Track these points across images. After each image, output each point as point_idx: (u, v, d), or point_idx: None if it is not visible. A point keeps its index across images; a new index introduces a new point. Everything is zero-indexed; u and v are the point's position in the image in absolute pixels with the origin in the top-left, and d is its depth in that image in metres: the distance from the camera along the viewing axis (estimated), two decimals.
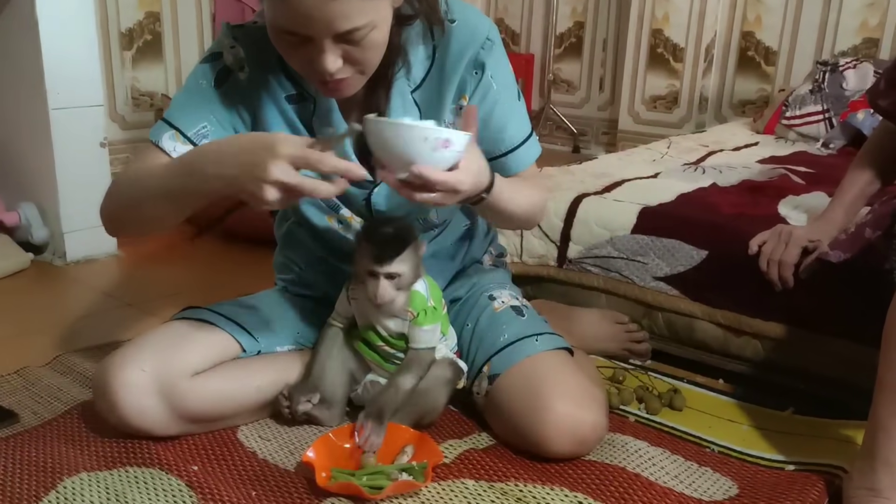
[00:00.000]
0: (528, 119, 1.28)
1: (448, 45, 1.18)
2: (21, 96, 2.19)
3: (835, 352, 1.41)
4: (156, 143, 1.15)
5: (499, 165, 1.24)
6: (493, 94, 1.21)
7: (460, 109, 1.21)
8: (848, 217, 1.44)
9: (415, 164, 0.98)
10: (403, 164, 0.99)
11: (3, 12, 2.15)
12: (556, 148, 4.05)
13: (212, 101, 1.16)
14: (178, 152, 1.13)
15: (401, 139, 0.99)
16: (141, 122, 3.02)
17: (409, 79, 1.18)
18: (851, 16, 3.09)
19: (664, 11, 3.46)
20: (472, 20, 1.19)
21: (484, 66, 1.19)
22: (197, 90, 1.17)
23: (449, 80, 1.19)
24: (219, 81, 1.16)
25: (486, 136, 1.23)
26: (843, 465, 1.17)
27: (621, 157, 2.37)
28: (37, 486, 1.11)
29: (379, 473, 1.11)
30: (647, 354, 1.60)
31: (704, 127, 3.38)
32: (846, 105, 2.62)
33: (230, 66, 1.17)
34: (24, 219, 2.22)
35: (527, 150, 1.27)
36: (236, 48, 1.17)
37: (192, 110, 1.16)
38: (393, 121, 1.07)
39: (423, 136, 0.98)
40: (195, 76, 1.18)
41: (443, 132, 1.00)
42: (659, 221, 1.64)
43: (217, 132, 1.16)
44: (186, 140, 1.14)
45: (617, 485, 1.13)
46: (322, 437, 1.18)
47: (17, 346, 1.67)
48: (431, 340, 1.24)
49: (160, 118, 1.18)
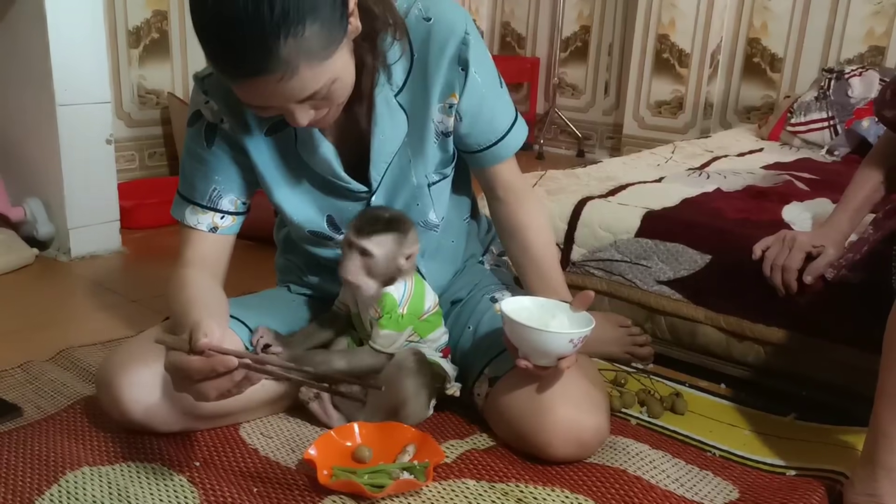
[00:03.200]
0: (511, 102, 1.30)
1: (427, 44, 1.18)
2: (28, 92, 2.20)
3: (837, 358, 1.41)
4: (181, 222, 1.24)
5: (490, 154, 1.28)
6: (480, 89, 1.22)
7: (451, 108, 1.22)
8: (852, 224, 1.45)
9: (560, 356, 1.13)
10: (543, 357, 1.14)
11: (11, 9, 2.15)
12: (561, 152, 4.05)
13: (211, 164, 1.22)
14: (202, 224, 1.23)
15: (549, 343, 1.12)
16: (147, 120, 3.03)
17: (391, 83, 1.19)
18: (858, 24, 3.10)
19: (670, 17, 3.47)
20: (448, 15, 1.18)
21: (468, 62, 1.19)
22: (195, 158, 1.23)
23: (433, 79, 1.19)
24: (209, 141, 1.22)
25: (477, 130, 1.25)
26: (844, 471, 1.17)
27: (626, 162, 2.37)
28: (39, 480, 1.11)
29: (380, 472, 1.11)
30: (649, 358, 1.60)
31: (709, 133, 3.38)
32: (851, 113, 2.63)
33: (212, 122, 1.21)
34: (30, 214, 2.23)
35: (515, 133, 1.29)
36: (210, 102, 1.20)
37: (199, 180, 1.23)
38: (542, 329, 1.13)
39: (568, 339, 1.12)
40: (189, 143, 1.24)
41: (584, 332, 1.13)
42: (663, 225, 1.65)
43: (227, 187, 1.23)
44: (205, 209, 1.23)
45: (618, 487, 1.13)
46: (324, 436, 1.18)
47: (20, 340, 1.67)
48: (387, 345, 1.23)
49: (177, 192, 1.26)
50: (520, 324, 1.12)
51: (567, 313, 1.20)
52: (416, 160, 1.25)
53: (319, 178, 1.24)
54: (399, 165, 1.24)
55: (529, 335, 1.12)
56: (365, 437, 1.19)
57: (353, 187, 1.23)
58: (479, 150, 1.28)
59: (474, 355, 1.30)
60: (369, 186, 1.24)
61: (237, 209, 1.25)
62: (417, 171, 1.25)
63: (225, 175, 1.23)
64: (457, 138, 1.26)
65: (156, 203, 2.64)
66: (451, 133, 1.25)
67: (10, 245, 2.15)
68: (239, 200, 1.25)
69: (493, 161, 1.29)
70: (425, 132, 1.23)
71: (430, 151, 1.25)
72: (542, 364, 1.14)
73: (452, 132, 1.25)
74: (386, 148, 1.21)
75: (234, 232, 1.27)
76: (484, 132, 1.26)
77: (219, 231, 1.24)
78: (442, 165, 1.28)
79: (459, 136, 1.26)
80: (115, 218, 2.33)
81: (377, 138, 1.20)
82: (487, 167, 1.30)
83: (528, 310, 1.20)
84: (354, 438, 1.19)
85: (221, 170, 1.22)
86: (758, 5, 3.36)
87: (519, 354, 1.15)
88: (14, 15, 2.16)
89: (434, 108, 1.22)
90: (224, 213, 1.24)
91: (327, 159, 1.20)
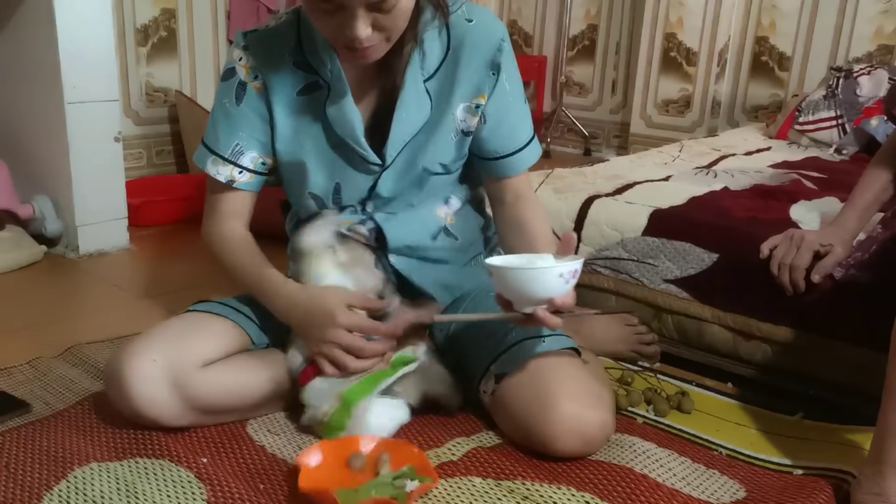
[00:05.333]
0: (532, 121, 1.36)
1: (463, 42, 1.24)
2: (37, 90, 2.21)
3: (844, 357, 1.41)
4: (203, 170, 1.30)
5: (505, 163, 1.33)
6: (507, 97, 1.29)
7: (477, 108, 1.27)
8: (861, 223, 1.44)
9: (552, 298, 1.09)
10: (538, 301, 1.09)
11: (20, 6, 2.16)
12: (568, 150, 4.05)
13: (238, 120, 1.28)
14: (221, 175, 1.29)
15: (539, 282, 1.08)
16: (155, 118, 3.04)
17: (422, 67, 1.23)
18: (866, 22, 3.08)
19: (678, 15, 3.46)
20: (488, 22, 1.26)
21: (500, 68, 1.26)
22: (223, 111, 1.29)
23: (462, 77, 1.24)
24: (238, 99, 1.27)
25: (498, 136, 1.30)
26: (851, 470, 1.17)
27: (633, 160, 2.37)
28: (48, 476, 1.12)
29: (384, 485, 1.08)
30: (655, 356, 1.60)
31: (717, 131, 3.37)
32: (860, 111, 2.62)
33: (244, 81, 1.26)
34: (38, 211, 2.24)
35: (531, 150, 1.35)
36: (243, 60, 1.26)
37: (224, 132, 1.29)
38: (526, 268, 1.10)
39: (558, 274, 1.07)
40: (220, 96, 1.29)
41: (573, 265, 1.08)
42: (670, 224, 1.64)
43: (249, 145, 1.28)
44: (226, 162, 1.28)
45: (624, 485, 1.13)
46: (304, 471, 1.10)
47: (29, 337, 1.68)
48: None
49: (202, 141, 1.32)
50: (507, 268, 1.09)
51: (553, 259, 1.15)
52: (429, 149, 1.28)
53: (338, 145, 1.27)
54: (412, 149, 1.28)
55: (519, 276, 1.08)
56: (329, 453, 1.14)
57: (369, 157, 1.26)
58: (497, 158, 1.32)
59: (480, 352, 1.30)
60: (383, 161, 1.27)
61: (256, 167, 1.30)
62: (426, 159, 1.28)
63: (248, 133, 1.28)
64: (476, 142, 1.30)
65: (163, 201, 2.65)
66: (471, 133, 1.29)
67: (18, 242, 2.16)
68: (259, 160, 1.29)
69: (508, 172, 1.33)
70: (444, 125, 1.27)
71: (445, 145, 1.29)
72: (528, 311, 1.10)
73: (473, 133, 1.29)
74: (407, 128, 1.25)
75: (251, 189, 1.32)
76: (504, 140, 1.31)
77: (235, 185, 1.29)
78: (452, 161, 1.31)
79: (480, 141, 1.30)
80: (123, 215, 2.34)
81: (400, 115, 1.24)
82: (500, 177, 1.34)
83: (513, 263, 1.16)
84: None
85: (246, 127, 1.27)
86: (766, 4, 3.35)
87: (513, 307, 1.12)
88: (23, 13, 2.17)
89: (458, 105, 1.26)
90: (243, 168, 1.29)
91: (352, 122, 1.24)
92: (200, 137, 1.32)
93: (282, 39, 1.25)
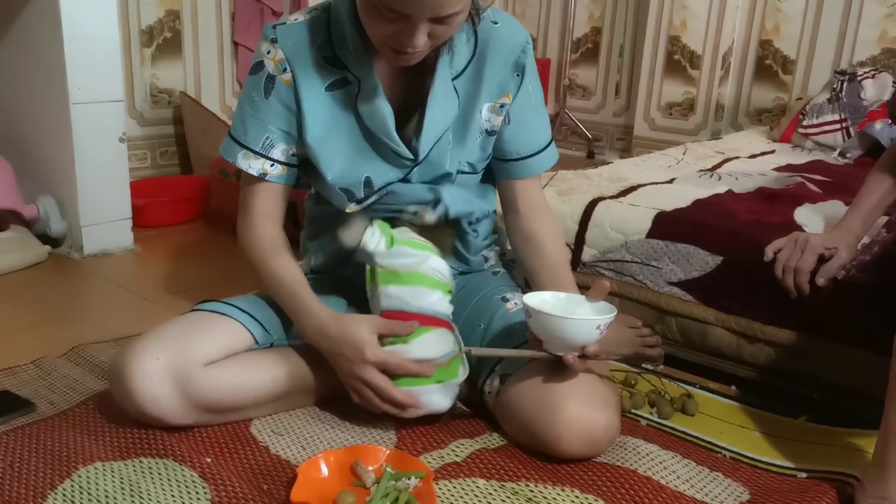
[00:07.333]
0: (550, 126, 1.39)
1: (490, 42, 1.27)
2: (42, 90, 2.21)
3: (848, 360, 1.41)
4: (234, 164, 1.29)
5: (524, 165, 1.36)
6: (530, 98, 1.33)
7: (501, 108, 1.30)
8: (865, 226, 1.44)
9: (586, 345, 1.16)
10: (572, 348, 1.16)
11: (26, 7, 2.17)
12: (571, 153, 4.05)
13: (267, 113, 1.27)
14: (253, 169, 1.28)
15: (577, 331, 1.15)
16: (159, 119, 3.04)
17: (451, 66, 1.26)
18: (870, 26, 3.08)
19: (682, 18, 3.46)
20: (513, 26, 1.31)
21: (524, 70, 1.30)
22: (252, 104, 1.28)
23: (488, 77, 1.28)
24: (267, 92, 1.26)
25: (521, 137, 1.34)
26: (854, 473, 1.17)
27: (637, 163, 2.37)
28: (52, 475, 1.12)
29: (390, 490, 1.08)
30: (659, 359, 1.59)
31: (720, 135, 3.37)
32: (864, 115, 2.62)
33: (272, 74, 1.25)
34: (43, 211, 2.24)
35: (549, 153, 1.38)
36: (272, 52, 1.25)
37: (253, 126, 1.28)
38: (567, 317, 1.16)
39: (595, 326, 1.15)
40: (248, 89, 1.28)
41: (609, 318, 1.16)
42: (674, 226, 1.64)
43: (279, 138, 1.27)
44: (258, 155, 1.28)
45: (628, 488, 1.13)
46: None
47: (33, 336, 1.69)
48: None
49: (228, 133, 1.31)
50: (547, 314, 1.15)
51: (587, 303, 1.23)
52: (456, 147, 1.30)
53: (368, 138, 1.28)
54: (442, 146, 1.29)
55: (557, 325, 1.14)
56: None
57: (401, 151, 1.27)
58: (516, 159, 1.35)
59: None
60: (416, 156, 1.27)
61: (288, 160, 1.29)
62: (453, 158, 1.30)
63: (278, 126, 1.27)
64: (499, 142, 1.33)
65: (167, 201, 2.65)
66: (495, 132, 1.32)
67: (23, 242, 2.17)
68: (290, 151, 1.29)
69: (524, 173, 1.36)
70: (471, 124, 1.30)
71: (471, 144, 1.31)
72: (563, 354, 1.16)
73: (497, 133, 1.32)
74: (438, 123, 1.27)
75: (283, 182, 1.30)
76: (525, 141, 1.34)
77: (267, 178, 1.29)
78: (477, 160, 1.33)
79: (502, 141, 1.33)
80: (127, 216, 2.35)
81: (432, 111, 1.25)
82: (516, 179, 1.37)
83: (548, 303, 1.22)
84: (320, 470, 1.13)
85: (275, 120, 1.27)
86: (770, 7, 3.35)
87: (544, 346, 1.17)
88: (29, 14, 2.18)
89: (483, 104, 1.29)
90: (275, 161, 1.28)
91: (384, 117, 1.24)
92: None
93: (311, 34, 1.25)
